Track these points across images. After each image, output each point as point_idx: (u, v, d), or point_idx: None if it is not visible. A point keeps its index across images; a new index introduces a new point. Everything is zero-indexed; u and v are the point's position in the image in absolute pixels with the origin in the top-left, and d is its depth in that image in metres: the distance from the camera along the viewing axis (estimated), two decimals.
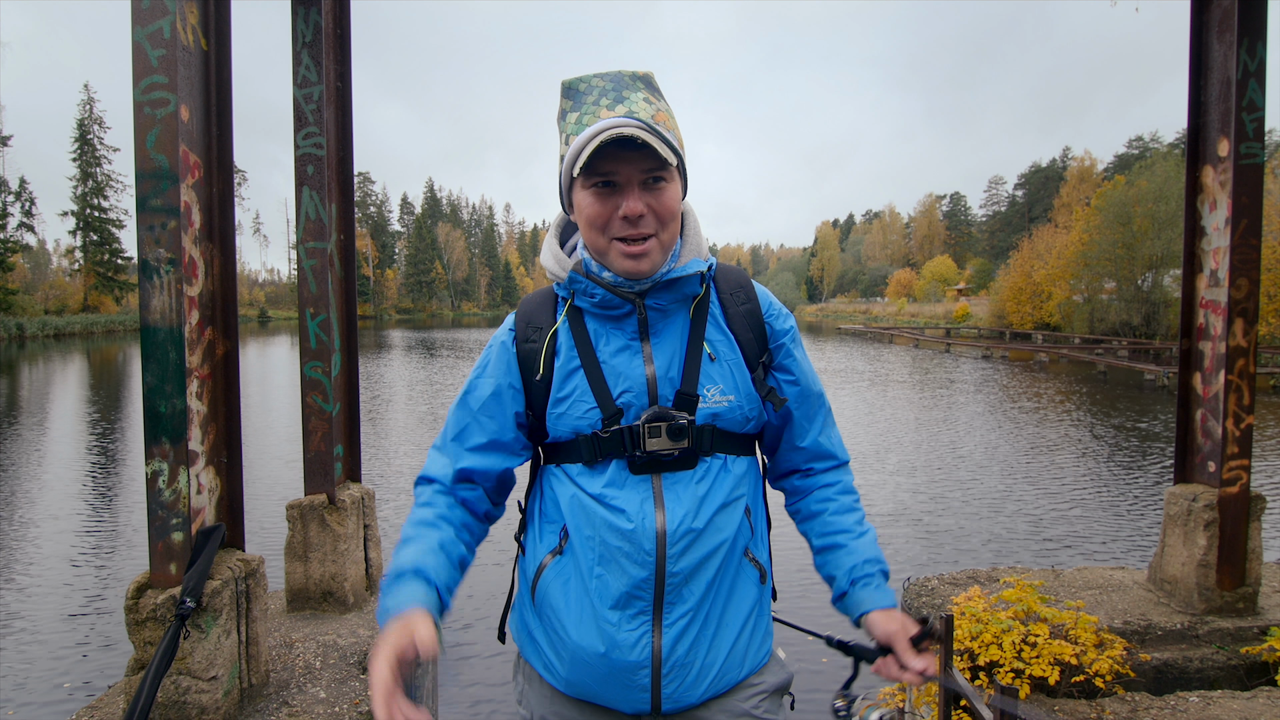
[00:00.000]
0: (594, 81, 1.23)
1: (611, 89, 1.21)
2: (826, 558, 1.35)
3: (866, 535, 1.35)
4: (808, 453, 1.39)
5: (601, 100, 1.21)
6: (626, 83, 1.22)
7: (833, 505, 1.37)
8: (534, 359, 1.31)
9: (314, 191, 3.51)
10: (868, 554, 1.32)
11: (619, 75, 1.23)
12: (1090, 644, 3.07)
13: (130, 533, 7.46)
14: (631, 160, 1.17)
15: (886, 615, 1.25)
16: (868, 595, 1.28)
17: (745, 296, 1.35)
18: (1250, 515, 3.50)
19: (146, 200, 2.43)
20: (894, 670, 1.21)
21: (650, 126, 1.18)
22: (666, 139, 1.20)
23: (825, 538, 1.36)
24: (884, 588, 1.30)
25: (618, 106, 1.20)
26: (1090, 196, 49.53)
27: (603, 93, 1.21)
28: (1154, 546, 6.73)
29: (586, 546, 1.24)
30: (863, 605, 1.28)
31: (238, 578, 2.69)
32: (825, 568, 1.35)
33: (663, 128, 1.20)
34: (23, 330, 44.92)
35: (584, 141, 1.17)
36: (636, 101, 1.21)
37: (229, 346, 2.76)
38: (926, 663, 1.20)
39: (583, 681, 1.25)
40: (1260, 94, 3.39)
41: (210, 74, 2.63)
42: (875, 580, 1.29)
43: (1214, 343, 3.53)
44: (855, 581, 1.30)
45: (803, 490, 1.41)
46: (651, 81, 1.25)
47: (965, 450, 11.40)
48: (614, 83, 1.22)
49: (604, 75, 1.23)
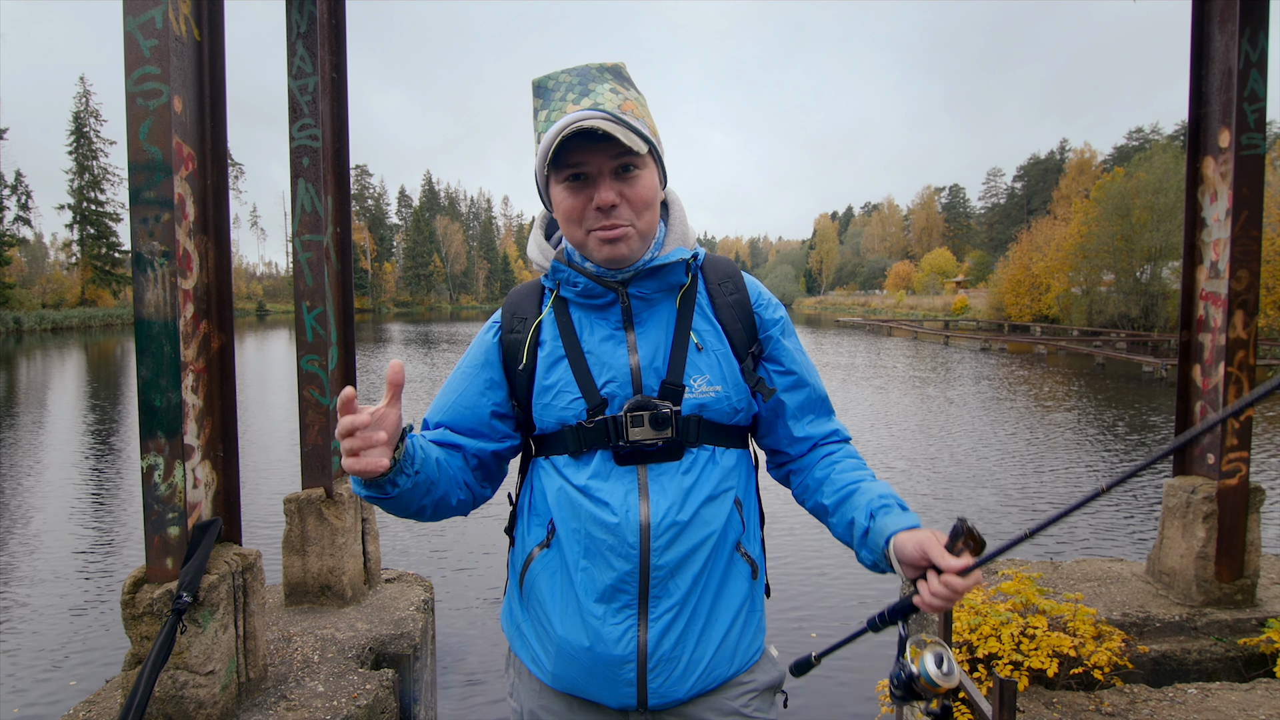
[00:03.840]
0: (561, 77, 1.23)
1: (578, 83, 1.21)
2: (842, 509, 1.26)
3: (880, 483, 1.28)
4: (806, 442, 1.37)
5: (568, 95, 1.21)
6: (593, 75, 1.22)
7: (839, 465, 1.33)
8: (518, 349, 1.31)
9: (309, 184, 3.49)
10: (884, 490, 1.24)
11: (585, 69, 1.23)
12: (1089, 636, 3.07)
13: (127, 527, 7.45)
14: (600, 150, 1.17)
15: (914, 532, 1.14)
16: (890, 520, 1.18)
17: (734, 287, 1.34)
18: (1249, 507, 3.50)
19: (140, 193, 2.41)
20: (935, 585, 1.07)
21: (615, 116, 1.18)
22: (635, 127, 1.19)
23: (837, 493, 1.28)
24: (907, 512, 1.20)
25: (583, 100, 1.20)
26: (1089, 188, 49.52)
27: (569, 88, 1.21)
28: (1152, 539, 6.74)
29: (572, 539, 1.23)
30: (886, 530, 1.17)
31: (235, 572, 2.69)
32: (843, 519, 1.26)
33: (630, 116, 1.20)
34: (20, 324, 44.84)
35: (551, 138, 1.17)
36: (602, 93, 1.20)
37: (224, 340, 2.75)
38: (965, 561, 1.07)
39: (569, 675, 1.24)
40: (1262, 84, 3.37)
41: (203, 65, 2.60)
42: (895, 508, 1.20)
43: (1214, 335, 3.52)
44: (874, 514, 1.20)
45: (807, 465, 1.37)
46: (620, 72, 1.25)
47: (962, 442, 11.40)
48: (580, 77, 1.22)
49: (571, 70, 1.23)
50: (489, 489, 1.37)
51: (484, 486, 1.35)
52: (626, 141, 1.14)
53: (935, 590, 1.07)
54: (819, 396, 1.39)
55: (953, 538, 1.11)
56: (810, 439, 1.37)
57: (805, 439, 1.37)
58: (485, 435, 1.32)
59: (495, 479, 1.38)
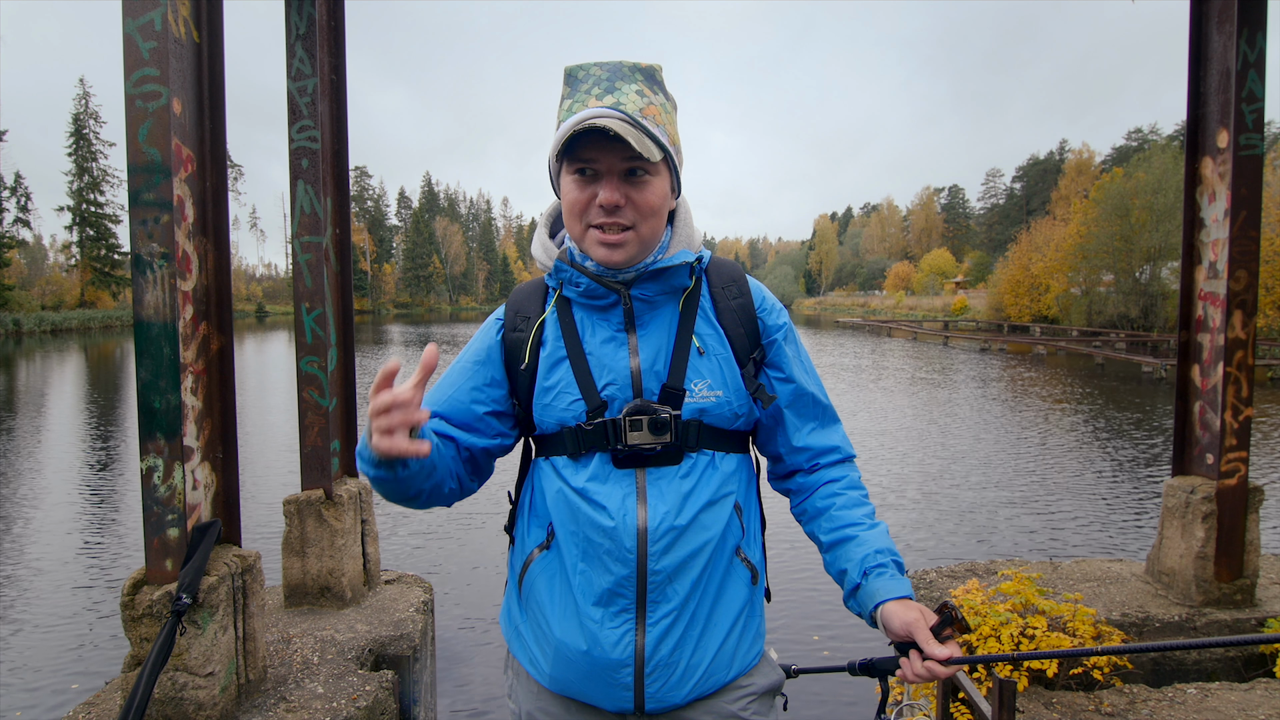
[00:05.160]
0: (592, 70, 1.22)
1: (606, 78, 1.20)
2: (836, 553, 1.28)
3: (878, 528, 1.29)
4: (807, 452, 1.35)
5: (594, 89, 1.19)
6: (624, 74, 1.21)
7: (840, 500, 1.32)
8: (520, 348, 1.30)
9: (309, 185, 3.49)
10: (880, 544, 1.25)
11: (618, 66, 1.21)
12: (1088, 636, 3.07)
13: (126, 529, 7.45)
14: (613, 150, 1.16)
15: (903, 605, 1.18)
16: (882, 585, 1.20)
17: (738, 291, 1.33)
18: (1248, 507, 3.50)
19: (139, 194, 2.41)
20: (917, 666, 1.13)
21: (633, 119, 1.17)
22: (653, 134, 1.18)
23: (834, 532, 1.29)
24: (899, 577, 1.22)
25: (606, 97, 1.18)
26: (1088, 189, 49.54)
27: (596, 81, 1.20)
28: (1152, 539, 6.75)
29: (570, 542, 1.23)
30: (877, 596, 1.20)
31: (234, 573, 2.68)
32: (835, 564, 1.29)
33: (650, 122, 1.19)
34: (19, 326, 44.82)
35: (566, 129, 1.16)
36: (628, 93, 1.19)
37: (224, 341, 2.75)
38: (951, 650, 1.12)
39: (566, 678, 1.23)
40: (1260, 85, 3.37)
41: (202, 66, 2.60)
42: (889, 570, 1.22)
43: (1212, 335, 3.52)
44: (868, 572, 1.22)
45: (807, 488, 1.36)
46: (654, 75, 1.23)
47: (962, 442, 11.41)
48: (611, 72, 1.21)
49: (604, 64, 1.22)
50: (475, 483, 1.36)
51: (472, 480, 1.35)
52: (637, 146, 1.12)
53: (918, 671, 1.14)
54: (821, 406, 1.37)
55: (941, 623, 1.15)
56: (810, 450, 1.35)
57: (805, 449, 1.35)
58: (479, 431, 1.31)
59: (483, 474, 1.37)
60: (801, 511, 1.38)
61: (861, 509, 1.31)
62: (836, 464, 1.37)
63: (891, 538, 1.29)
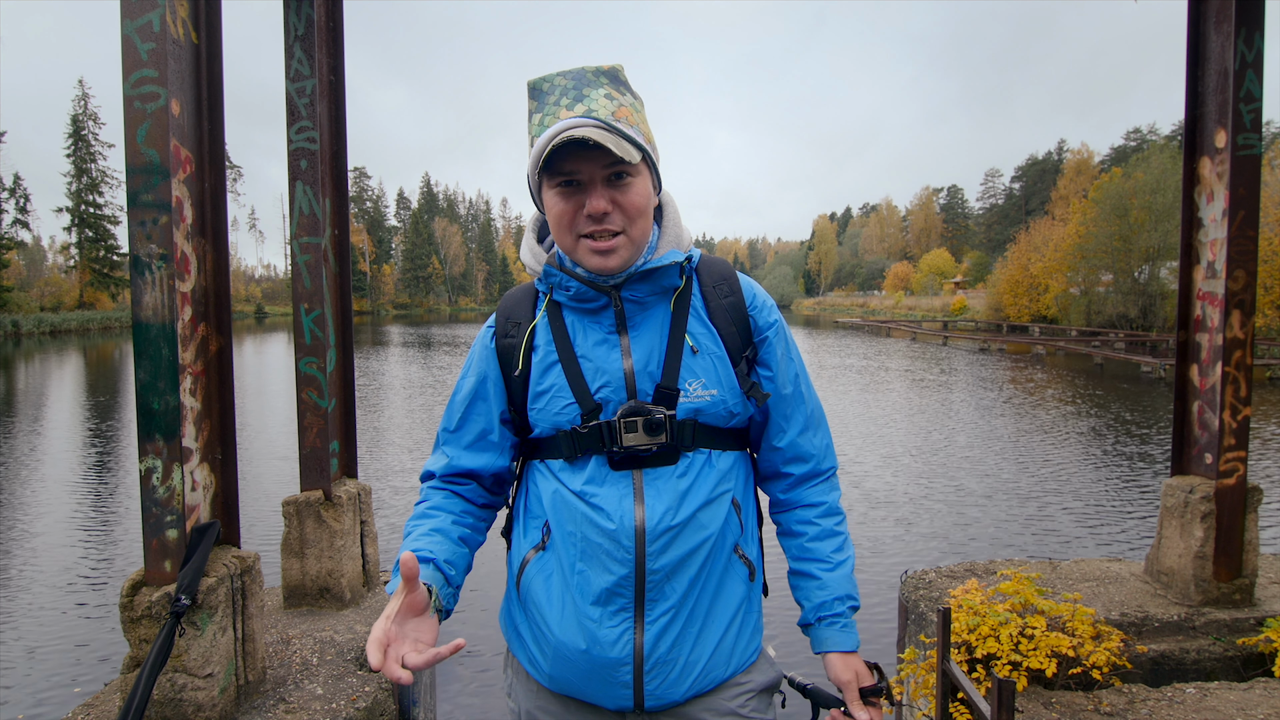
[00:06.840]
0: (556, 80, 1.21)
1: (572, 87, 1.20)
2: (798, 582, 1.36)
3: (841, 567, 1.33)
4: (784, 454, 1.36)
5: (562, 100, 1.19)
6: (589, 79, 1.20)
7: (812, 530, 1.35)
8: (512, 354, 1.31)
9: (308, 186, 3.49)
10: (839, 590, 1.31)
11: (581, 72, 1.21)
12: (1087, 636, 3.07)
13: (125, 530, 7.45)
14: (593, 158, 1.16)
15: (844, 661, 1.28)
16: (831, 635, 1.30)
17: (729, 289, 1.33)
18: (1247, 507, 3.50)
19: (138, 195, 2.41)
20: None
21: (608, 124, 1.17)
22: (629, 135, 1.18)
23: (800, 562, 1.36)
24: (849, 629, 1.30)
25: (577, 106, 1.18)
26: (1087, 189, 49.58)
27: (564, 92, 1.20)
28: (1151, 538, 6.75)
29: (568, 542, 1.23)
30: (824, 644, 1.30)
31: (233, 574, 2.68)
32: (796, 591, 1.36)
33: (624, 124, 1.19)
34: (18, 327, 44.79)
35: (543, 144, 1.16)
36: (597, 99, 1.19)
37: (222, 342, 2.75)
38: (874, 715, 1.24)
39: (565, 677, 1.24)
40: (1257, 85, 3.38)
41: (201, 68, 2.60)
42: (841, 620, 1.30)
43: (1211, 335, 3.53)
44: (821, 619, 1.31)
45: (785, 505, 1.39)
46: (617, 76, 1.23)
47: (961, 442, 11.41)
48: (575, 80, 1.20)
49: (566, 73, 1.22)
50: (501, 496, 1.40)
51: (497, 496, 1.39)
52: (619, 152, 1.12)
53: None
54: (808, 408, 1.37)
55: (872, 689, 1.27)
56: (787, 453, 1.36)
57: (782, 450, 1.36)
58: (499, 448, 1.34)
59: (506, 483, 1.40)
60: (777, 522, 1.43)
61: (830, 542, 1.35)
62: (817, 484, 1.39)
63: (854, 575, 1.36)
